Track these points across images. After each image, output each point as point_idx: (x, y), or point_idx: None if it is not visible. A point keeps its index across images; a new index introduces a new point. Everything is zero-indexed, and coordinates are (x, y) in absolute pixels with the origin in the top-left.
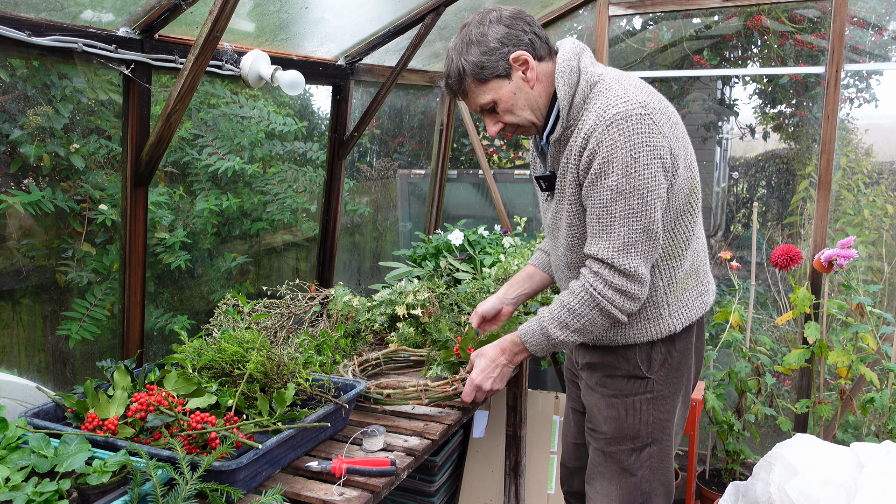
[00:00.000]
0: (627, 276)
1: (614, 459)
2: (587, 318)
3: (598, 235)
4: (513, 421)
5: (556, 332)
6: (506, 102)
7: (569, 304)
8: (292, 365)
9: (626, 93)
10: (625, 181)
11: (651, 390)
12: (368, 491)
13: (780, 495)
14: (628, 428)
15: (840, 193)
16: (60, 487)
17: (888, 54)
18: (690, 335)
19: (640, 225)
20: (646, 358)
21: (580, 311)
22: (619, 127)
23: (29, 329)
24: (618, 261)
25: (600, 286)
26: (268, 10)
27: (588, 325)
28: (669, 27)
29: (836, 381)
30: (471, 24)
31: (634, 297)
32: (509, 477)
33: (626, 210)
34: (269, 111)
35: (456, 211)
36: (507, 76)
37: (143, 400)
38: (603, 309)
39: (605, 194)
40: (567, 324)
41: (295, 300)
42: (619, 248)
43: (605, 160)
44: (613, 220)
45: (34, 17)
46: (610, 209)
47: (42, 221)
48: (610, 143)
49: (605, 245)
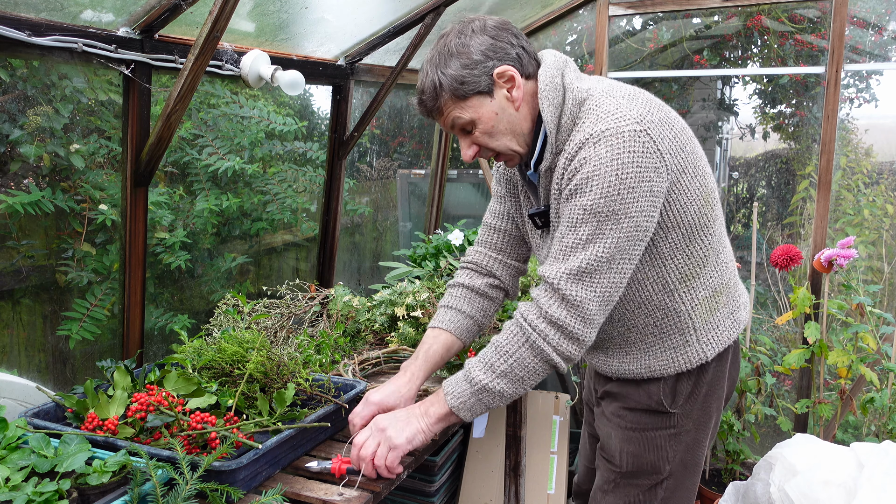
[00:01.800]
0: (570, 307)
1: (627, 492)
2: (515, 359)
3: (554, 256)
4: (513, 421)
5: (479, 376)
6: (485, 123)
7: (496, 341)
8: (292, 365)
9: (619, 107)
10: (602, 202)
11: (674, 425)
12: (368, 491)
13: (780, 495)
14: (647, 465)
15: (840, 193)
16: (60, 487)
17: (888, 54)
18: (724, 362)
19: (606, 253)
20: (670, 391)
21: (507, 347)
22: (607, 143)
23: (29, 329)
24: (564, 286)
25: (532, 316)
26: (268, 10)
27: (517, 368)
28: (669, 27)
29: (836, 381)
30: (450, 34)
31: (574, 336)
32: (509, 477)
33: (594, 233)
34: (269, 111)
35: (456, 211)
36: (489, 93)
37: (143, 400)
38: (534, 345)
39: (575, 213)
40: (493, 365)
41: (295, 300)
42: (572, 273)
43: (585, 178)
44: (577, 242)
45: (34, 17)
46: (577, 229)
47: (42, 221)
48: (595, 160)
49: (557, 267)
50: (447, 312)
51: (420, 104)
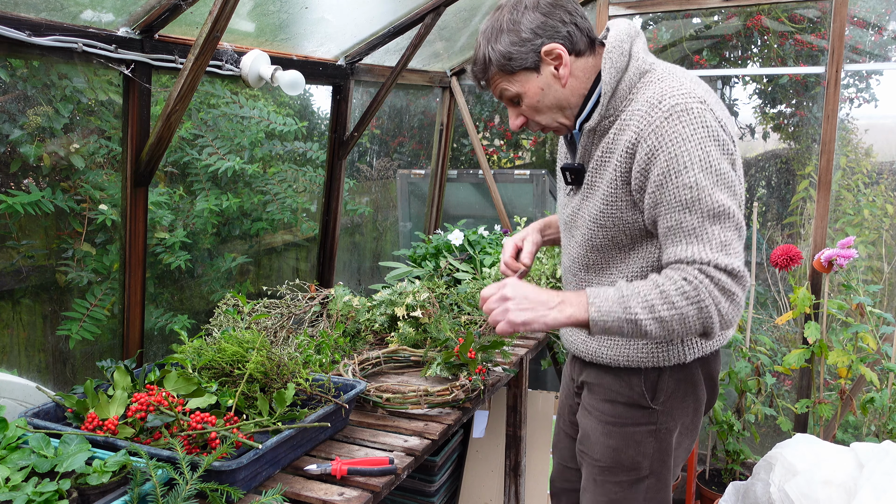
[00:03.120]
0: (734, 278)
1: (606, 490)
2: (679, 311)
3: (686, 241)
4: (513, 421)
5: (636, 309)
6: (531, 98)
7: (663, 287)
8: (292, 365)
9: (683, 85)
10: (703, 175)
11: (655, 422)
12: (368, 491)
13: (780, 495)
14: (626, 459)
15: (840, 193)
16: (60, 487)
17: (888, 54)
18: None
19: (731, 223)
20: (651, 387)
21: (675, 299)
22: (679, 119)
23: (29, 329)
24: (722, 261)
25: (707, 281)
26: (268, 10)
27: (675, 320)
28: (669, 27)
29: (836, 381)
30: (504, 9)
31: (739, 304)
32: (509, 477)
33: (713, 208)
34: (269, 111)
35: (456, 211)
36: (535, 69)
37: (143, 400)
38: (704, 308)
39: (682, 194)
40: (653, 307)
41: (295, 300)
42: (718, 249)
43: (672, 156)
44: (703, 221)
45: (34, 17)
46: (694, 209)
47: (42, 221)
48: (673, 136)
49: (702, 248)
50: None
51: (472, 73)
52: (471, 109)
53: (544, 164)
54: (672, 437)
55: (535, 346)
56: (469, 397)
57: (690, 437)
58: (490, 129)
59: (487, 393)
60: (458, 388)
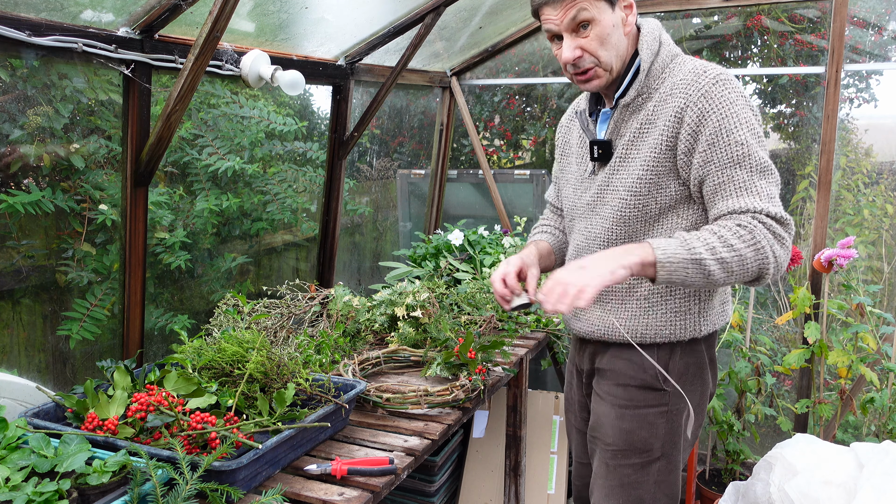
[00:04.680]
0: (784, 225)
1: (619, 473)
2: (738, 253)
3: (737, 195)
4: (513, 421)
5: (700, 249)
6: (602, 29)
7: (720, 233)
8: (292, 365)
9: (711, 64)
10: (749, 135)
11: (666, 403)
12: (368, 491)
13: (780, 495)
14: (639, 441)
15: (840, 193)
16: (60, 487)
17: (888, 54)
18: (711, 347)
19: (773, 179)
20: (663, 367)
21: (734, 242)
22: (725, 86)
23: (29, 329)
24: (772, 210)
25: (761, 227)
26: (268, 10)
27: (735, 262)
28: (669, 27)
29: (836, 381)
30: None
31: (788, 248)
32: (509, 477)
33: (759, 165)
34: (269, 111)
35: (456, 211)
36: (612, 4)
37: (143, 400)
38: (760, 250)
39: (734, 150)
40: (714, 249)
41: (295, 300)
42: (767, 200)
43: (723, 116)
44: (752, 175)
45: (34, 17)
46: (744, 164)
47: (42, 221)
48: (722, 99)
49: (753, 199)
50: (543, 234)
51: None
52: (471, 109)
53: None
54: (682, 418)
55: (535, 346)
56: (469, 397)
57: (697, 422)
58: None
59: (487, 393)
60: (458, 388)
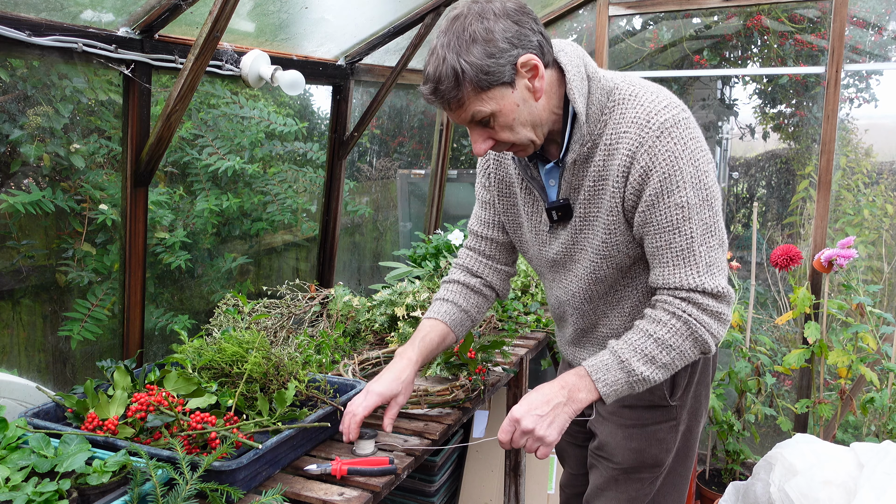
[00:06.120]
0: (719, 299)
1: (629, 488)
2: (678, 351)
3: (673, 263)
4: None
5: (640, 367)
6: (506, 116)
7: (656, 335)
8: (292, 365)
9: (658, 97)
10: (693, 194)
11: (675, 417)
12: (368, 491)
13: (780, 495)
14: (650, 458)
15: (840, 193)
16: (60, 487)
17: (888, 54)
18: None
19: (716, 240)
20: (670, 383)
21: (672, 341)
22: (671, 136)
23: (29, 329)
24: (708, 284)
25: (695, 311)
26: (268, 10)
27: (676, 360)
28: (669, 27)
29: (836, 381)
30: (468, 17)
31: (726, 321)
32: (509, 477)
33: (700, 227)
34: (269, 111)
35: (456, 211)
36: (511, 84)
37: (143, 400)
38: (698, 338)
39: (673, 214)
40: (654, 358)
41: (295, 300)
42: (705, 272)
43: (665, 175)
44: (691, 242)
45: (34, 17)
46: (683, 230)
47: (42, 221)
48: (666, 154)
49: (688, 272)
50: (443, 305)
51: (435, 93)
52: None
53: None
54: (686, 426)
55: (535, 346)
56: (469, 397)
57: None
58: None
59: (487, 393)
60: (458, 387)
